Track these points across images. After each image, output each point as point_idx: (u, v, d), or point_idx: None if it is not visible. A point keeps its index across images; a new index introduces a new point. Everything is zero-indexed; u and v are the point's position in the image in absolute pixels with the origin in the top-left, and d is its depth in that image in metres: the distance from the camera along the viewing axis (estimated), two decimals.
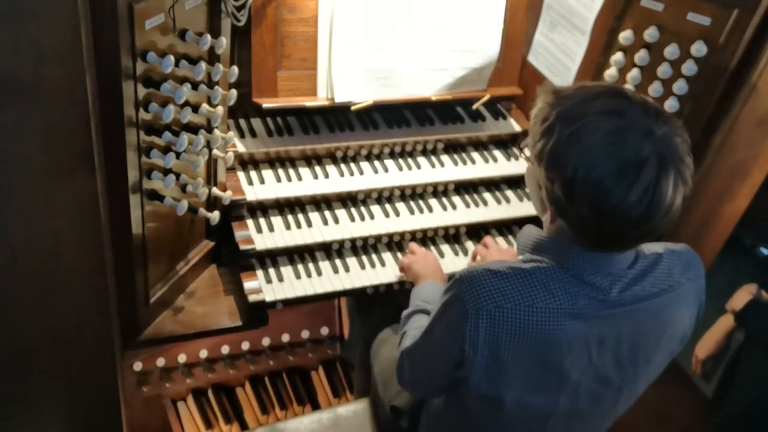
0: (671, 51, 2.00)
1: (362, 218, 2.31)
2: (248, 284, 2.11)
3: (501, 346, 1.41)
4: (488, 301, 1.40)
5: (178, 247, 2.11)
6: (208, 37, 1.74)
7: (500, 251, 2.18)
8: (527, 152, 1.49)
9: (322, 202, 2.33)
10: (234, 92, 1.90)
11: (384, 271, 2.24)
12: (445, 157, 2.50)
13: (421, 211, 2.38)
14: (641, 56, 2.07)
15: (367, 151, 2.42)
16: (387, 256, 2.29)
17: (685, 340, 1.60)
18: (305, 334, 2.81)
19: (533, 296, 1.40)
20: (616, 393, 1.57)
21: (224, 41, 1.81)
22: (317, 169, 2.35)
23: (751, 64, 1.93)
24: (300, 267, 2.20)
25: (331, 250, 2.27)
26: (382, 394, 2.14)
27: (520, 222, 2.39)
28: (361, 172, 2.37)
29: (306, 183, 2.30)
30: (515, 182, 2.53)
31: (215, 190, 2.05)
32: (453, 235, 2.42)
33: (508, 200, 2.48)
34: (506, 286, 1.40)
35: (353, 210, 2.33)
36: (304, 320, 2.79)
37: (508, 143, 2.61)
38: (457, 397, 1.57)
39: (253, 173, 2.28)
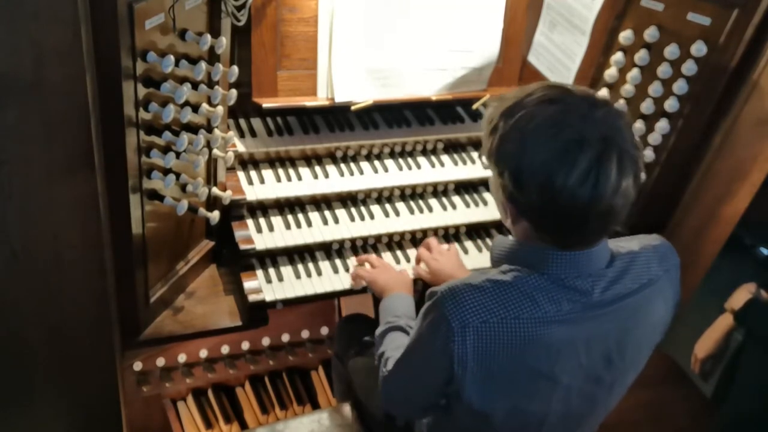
0: (671, 51, 2.00)
1: (362, 218, 2.31)
2: (248, 284, 2.11)
3: (490, 361, 1.40)
4: (473, 317, 1.38)
5: (178, 247, 2.11)
6: (208, 36, 1.74)
7: (441, 252, 2.15)
8: (485, 160, 1.50)
9: (322, 202, 2.33)
10: (234, 92, 1.90)
11: None
12: (445, 157, 2.50)
13: (421, 211, 2.38)
14: (641, 56, 2.07)
15: (367, 151, 2.42)
16: (387, 255, 2.28)
17: (666, 329, 1.61)
18: (305, 334, 2.81)
19: (518, 308, 1.39)
20: (607, 390, 1.57)
21: (224, 41, 1.81)
22: (317, 169, 2.35)
23: (751, 63, 1.94)
24: (300, 267, 2.20)
25: (331, 250, 2.27)
26: (366, 401, 2.14)
27: None
28: (361, 172, 2.37)
29: (306, 183, 2.29)
30: None
31: (215, 190, 2.05)
32: (453, 235, 2.41)
33: None
34: (490, 300, 1.39)
35: (353, 210, 2.33)
36: (304, 320, 2.79)
37: None
38: (450, 410, 1.55)
39: (253, 173, 2.28)
